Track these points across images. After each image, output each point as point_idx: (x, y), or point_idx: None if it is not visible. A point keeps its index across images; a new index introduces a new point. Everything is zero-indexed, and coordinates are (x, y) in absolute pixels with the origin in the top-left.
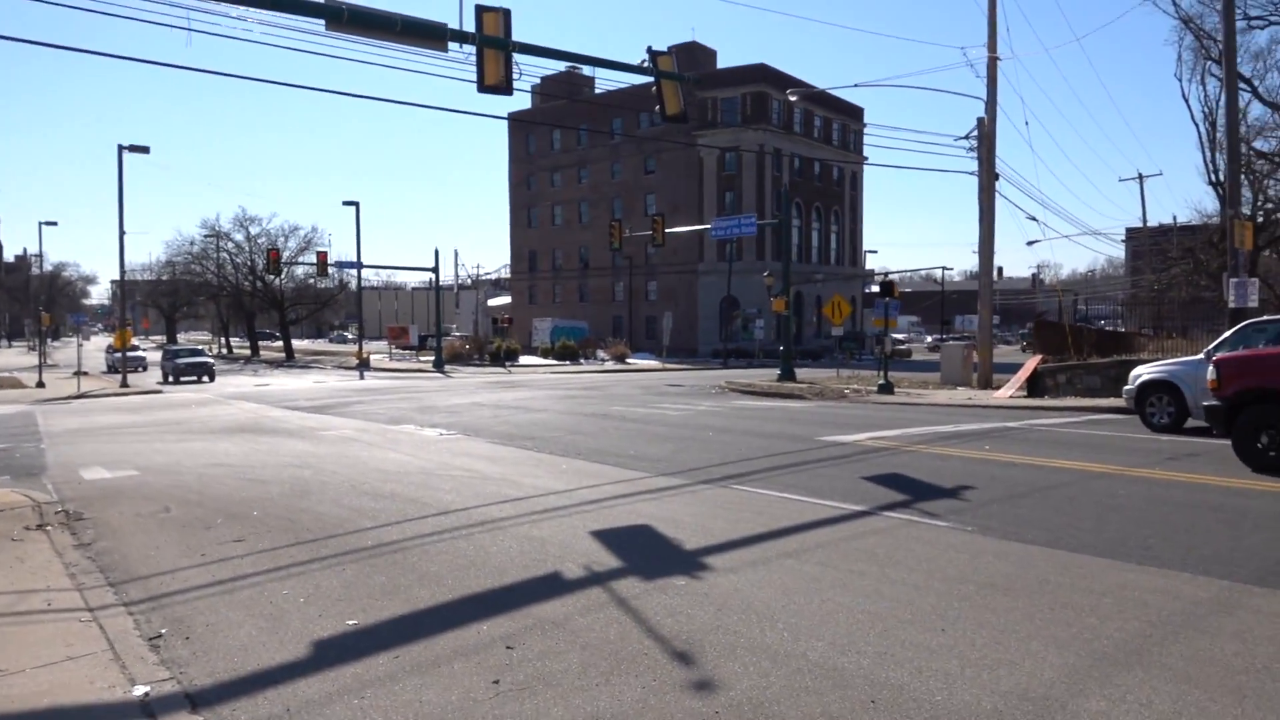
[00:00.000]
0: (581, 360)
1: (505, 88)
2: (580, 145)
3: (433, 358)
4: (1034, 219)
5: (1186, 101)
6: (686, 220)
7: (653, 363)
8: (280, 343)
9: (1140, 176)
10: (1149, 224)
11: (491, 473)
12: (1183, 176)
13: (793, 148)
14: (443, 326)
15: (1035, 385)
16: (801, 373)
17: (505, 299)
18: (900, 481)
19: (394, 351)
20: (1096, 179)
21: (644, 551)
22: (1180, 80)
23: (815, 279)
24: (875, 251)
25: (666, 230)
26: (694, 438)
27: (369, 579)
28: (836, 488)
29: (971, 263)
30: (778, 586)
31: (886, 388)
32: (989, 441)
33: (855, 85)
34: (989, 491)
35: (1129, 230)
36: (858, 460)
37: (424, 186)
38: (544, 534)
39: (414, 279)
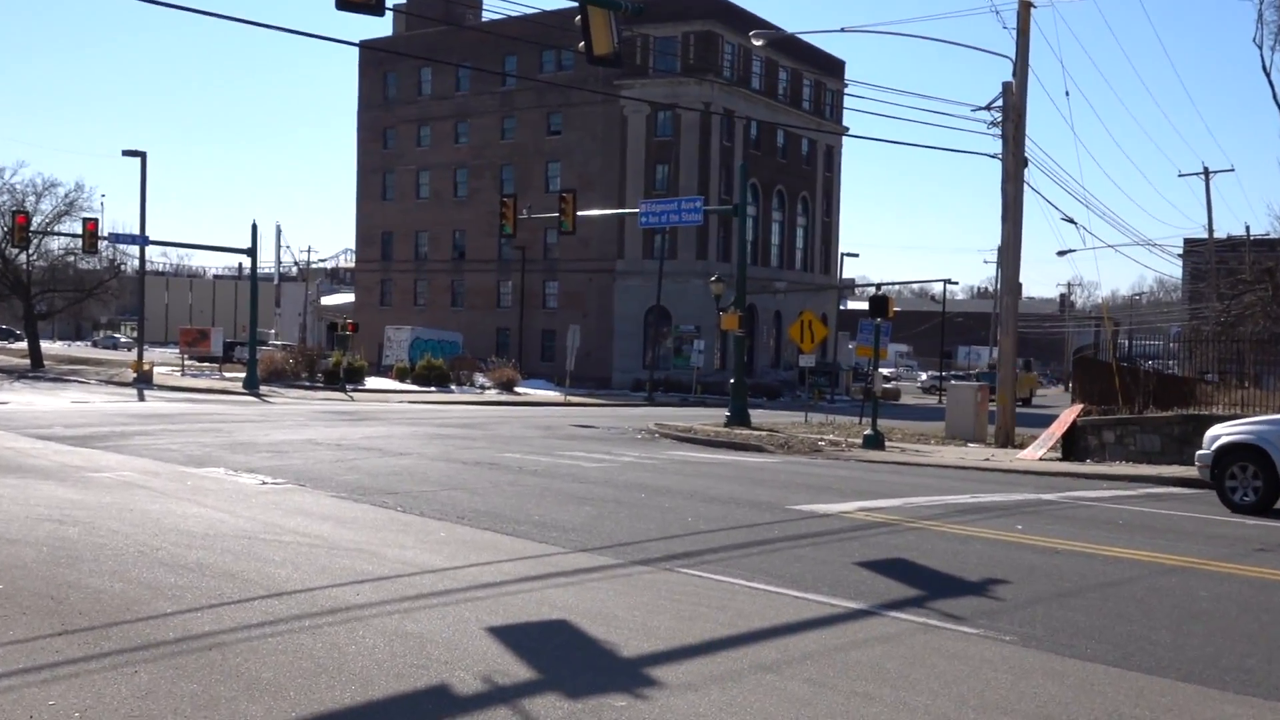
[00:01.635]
0: (453, 386)
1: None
2: (460, 91)
3: (244, 374)
4: (1071, 221)
5: (1268, 75)
6: (604, 201)
7: (551, 393)
8: (24, 344)
9: (1206, 172)
10: (1215, 234)
11: (341, 540)
12: (1260, 174)
13: (750, 109)
14: (259, 331)
15: (1074, 444)
16: (757, 415)
17: (347, 297)
18: (907, 570)
19: (188, 363)
20: (1151, 172)
21: (564, 658)
22: (1260, 47)
23: (775, 288)
24: (856, 255)
25: (577, 213)
26: (621, 500)
27: (175, 686)
28: (823, 576)
29: (980, 276)
30: (756, 713)
31: (875, 440)
32: (1021, 518)
33: (841, 30)
34: (1028, 587)
35: (1189, 242)
36: (848, 538)
37: (240, 139)
38: (421, 629)
39: (219, 264)
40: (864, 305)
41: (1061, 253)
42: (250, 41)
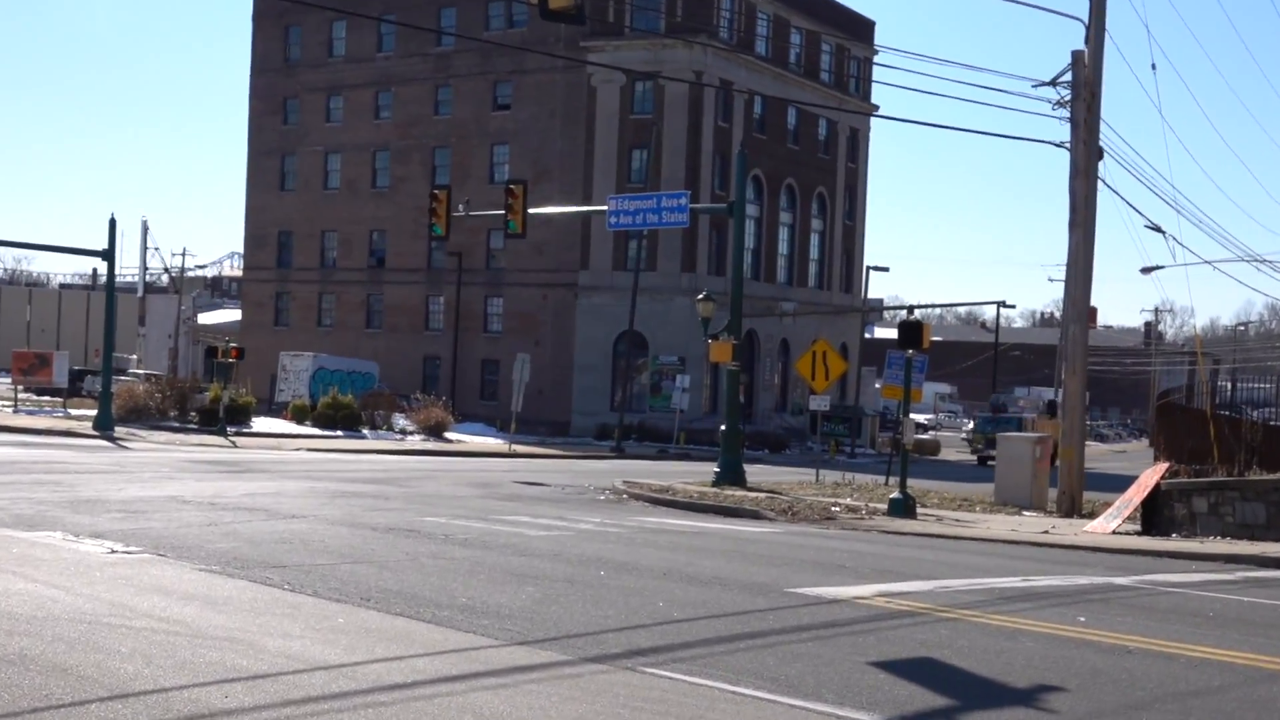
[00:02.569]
0: (365, 430)
1: None
2: (382, 52)
3: (95, 412)
4: (1158, 229)
5: None
6: (564, 195)
7: (492, 441)
8: None
9: None
10: None
11: (209, 626)
12: None
13: (753, 81)
14: (116, 357)
15: (1156, 513)
16: (755, 472)
17: (232, 314)
18: (937, 673)
19: (23, 396)
20: (1261, 169)
21: None
22: None
23: (781, 310)
24: (885, 270)
25: (529, 211)
26: (574, 579)
27: None
28: (828, 679)
29: (1043, 298)
30: None
31: (903, 506)
32: (1084, 608)
33: None
34: (1090, 697)
35: None
36: (862, 631)
37: (95, 112)
38: None
39: (67, 269)
40: (893, 333)
41: (1146, 270)
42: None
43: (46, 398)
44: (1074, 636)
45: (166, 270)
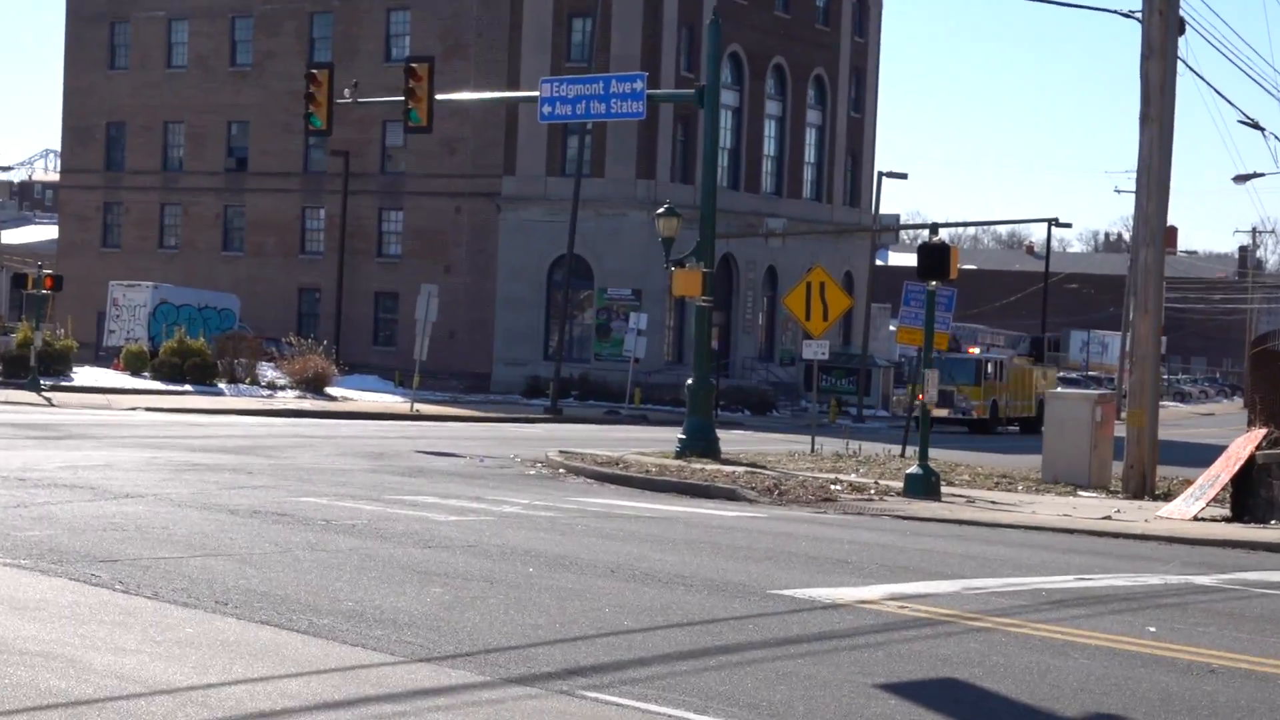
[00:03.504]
0: (222, 384)
1: None
2: None
3: None
4: (1256, 126)
5: None
6: (483, 77)
7: (389, 399)
8: None
9: None
10: None
11: (17, 637)
12: None
13: None
14: None
15: (1250, 494)
16: (732, 439)
17: (45, 231)
18: (963, 699)
19: None
20: None
21: None
22: None
23: (766, 229)
24: (902, 177)
25: (436, 98)
26: (495, 577)
27: None
28: (822, 707)
29: (1108, 215)
30: None
31: (924, 484)
32: (1155, 615)
33: None
34: None
35: None
36: (868, 645)
37: None
38: None
39: None
40: (912, 259)
41: (1240, 179)
42: None
43: None
44: (1141, 651)
45: None
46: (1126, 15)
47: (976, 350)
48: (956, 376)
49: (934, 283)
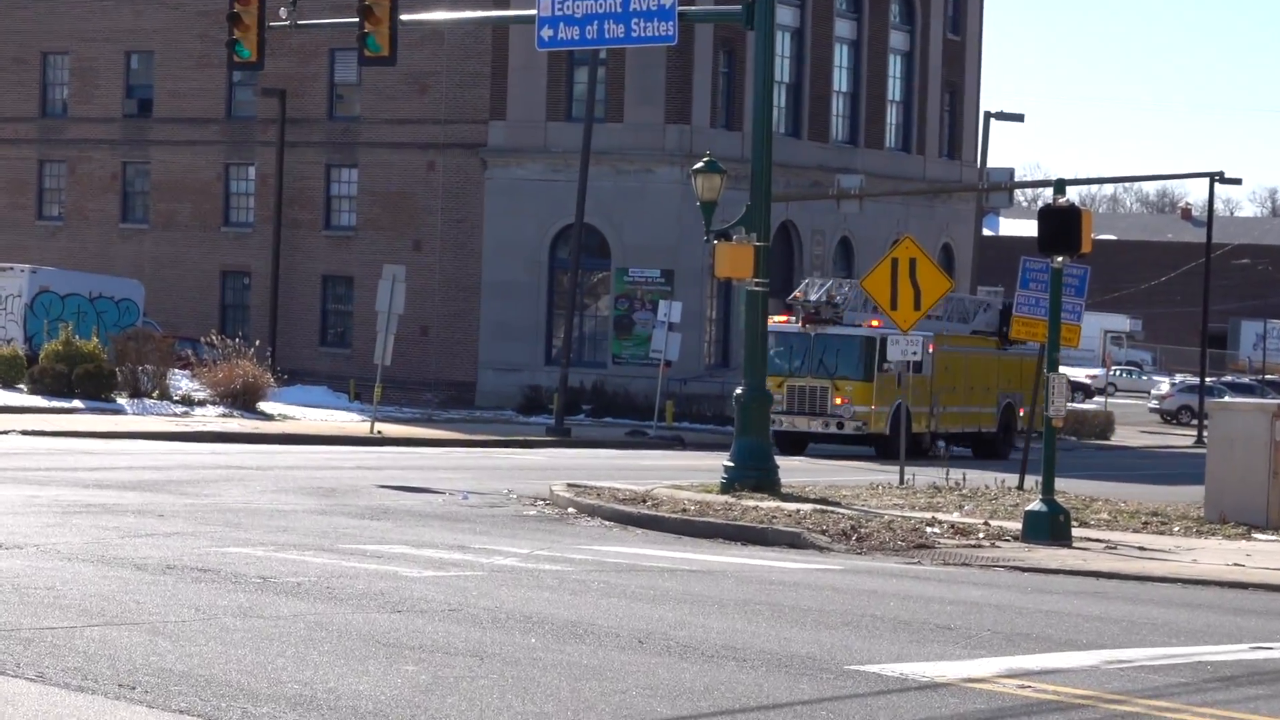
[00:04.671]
0: (124, 399)
1: None
2: None
3: None
4: None
5: None
6: None
7: (344, 416)
8: None
9: None
10: None
11: None
12: None
13: None
14: None
15: None
16: (795, 466)
17: None
18: None
19: None
20: None
21: None
22: None
23: (838, 189)
24: (1018, 119)
25: (403, 18)
26: (485, 650)
27: None
28: None
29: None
30: None
31: (1049, 525)
32: None
33: None
34: None
35: None
36: None
37: None
38: None
39: None
40: (1031, 228)
41: None
42: None
43: None
44: None
45: None
46: None
47: (876, 324)
48: (833, 364)
49: (1060, 258)
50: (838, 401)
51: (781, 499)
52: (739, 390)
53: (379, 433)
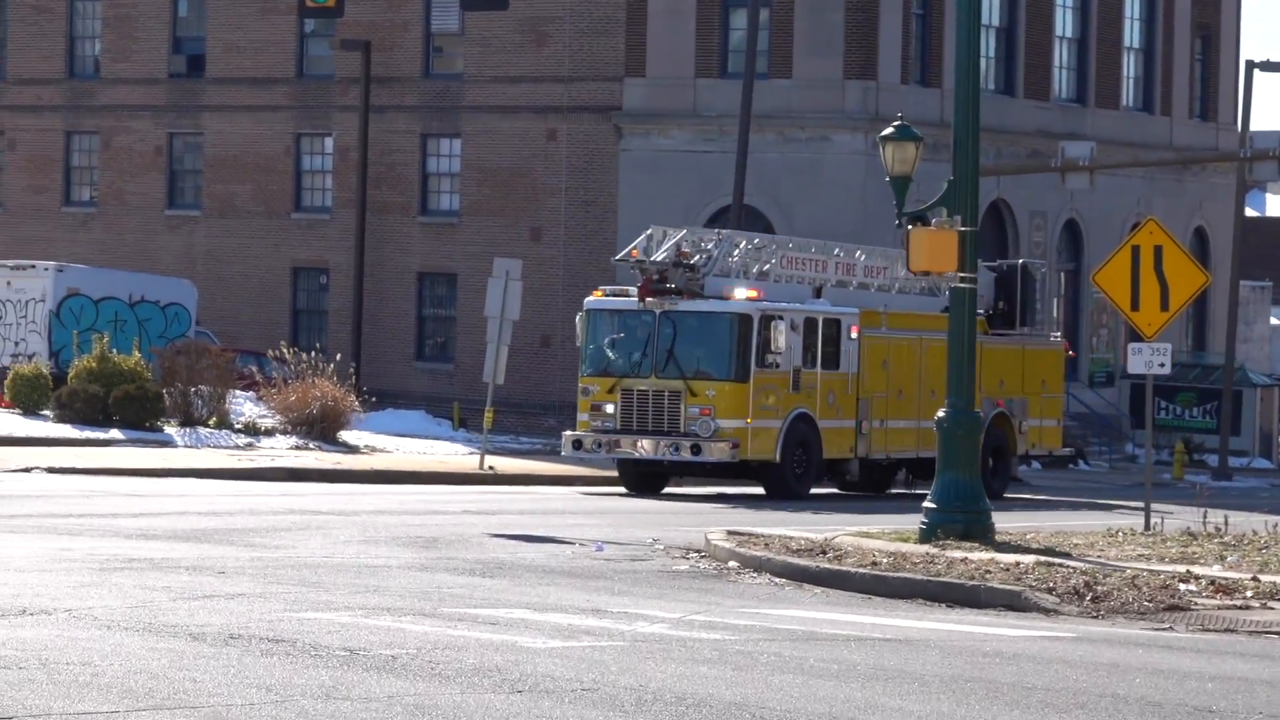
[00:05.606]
0: (173, 428)
1: None
2: None
3: None
4: None
5: None
6: None
7: (446, 449)
8: None
9: None
10: None
11: None
12: None
13: None
14: None
15: None
16: (1011, 514)
17: None
18: None
19: None
20: None
21: None
22: None
23: (1063, 159)
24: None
25: None
26: None
27: None
28: None
29: None
30: None
31: None
32: None
33: None
34: None
35: None
36: None
37: None
38: None
39: None
40: None
41: None
42: None
43: None
44: None
45: None
46: None
47: (754, 294)
48: (689, 356)
49: None
50: (694, 413)
51: (996, 549)
52: (940, 413)
53: (490, 468)
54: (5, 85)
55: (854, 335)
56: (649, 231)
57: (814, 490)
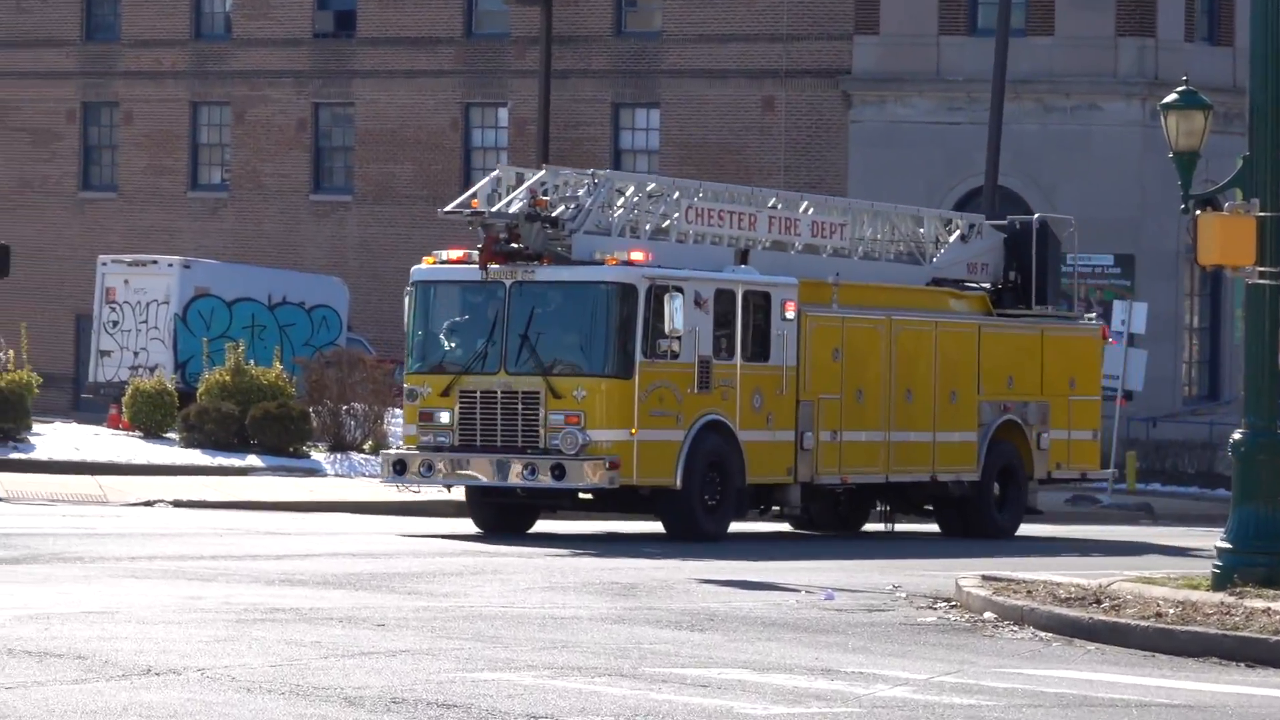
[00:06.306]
0: (321, 454)
1: None
2: None
3: None
4: None
5: None
6: None
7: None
8: None
9: None
10: None
11: None
12: None
13: None
14: None
15: None
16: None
17: None
18: None
19: None
20: None
21: None
22: None
23: None
24: None
25: None
26: None
27: None
28: None
29: None
30: None
31: None
32: None
33: None
34: None
35: None
36: None
37: None
38: None
39: None
40: None
41: None
42: None
43: None
44: None
45: None
46: None
47: (641, 256)
48: (550, 342)
49: None
50: (557, 421)
51: None
52: (1237, 435)
53: None
54: (120, 48)
55: (790, 314)
56: (495, 173)
57: (745, 527)
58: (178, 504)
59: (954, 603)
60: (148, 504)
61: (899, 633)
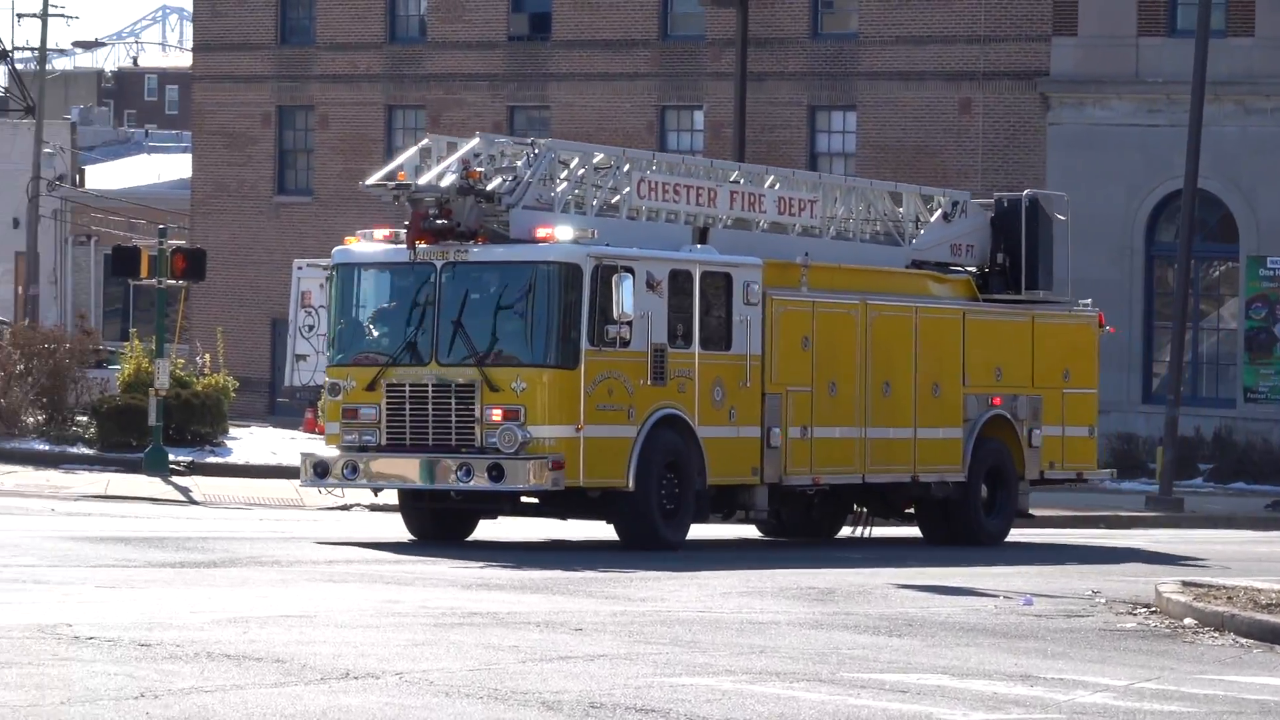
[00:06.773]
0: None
1: None
2: None
3: None
4: None
5: None
6: None
7: None
8: None
9: None
10: None
11: None
12: None
13: None
14: None
15: None
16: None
17: (167, 164)
18: None
19: None
20: None
21: None
22: None
23: None
24: None
25: None
26: None
27: None
28: None
29: None
30: None
31: None
32: None
33: None
34: None
35: None
36: None
37: None
38: None
39: None
40: None
41: None
42: None
43: None
44: None
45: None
46: None
47: (586, 233)
48: (483, 330)
49: None
50: (495, 416)
51: None
52: None
53: None
54: (316, 51)
55: (754, 298)
56: (424, 142)
57: (707, 532)
58: (374, 509)
59: (1154, 608)
60: (344, 508)
61: (1098, 638)
